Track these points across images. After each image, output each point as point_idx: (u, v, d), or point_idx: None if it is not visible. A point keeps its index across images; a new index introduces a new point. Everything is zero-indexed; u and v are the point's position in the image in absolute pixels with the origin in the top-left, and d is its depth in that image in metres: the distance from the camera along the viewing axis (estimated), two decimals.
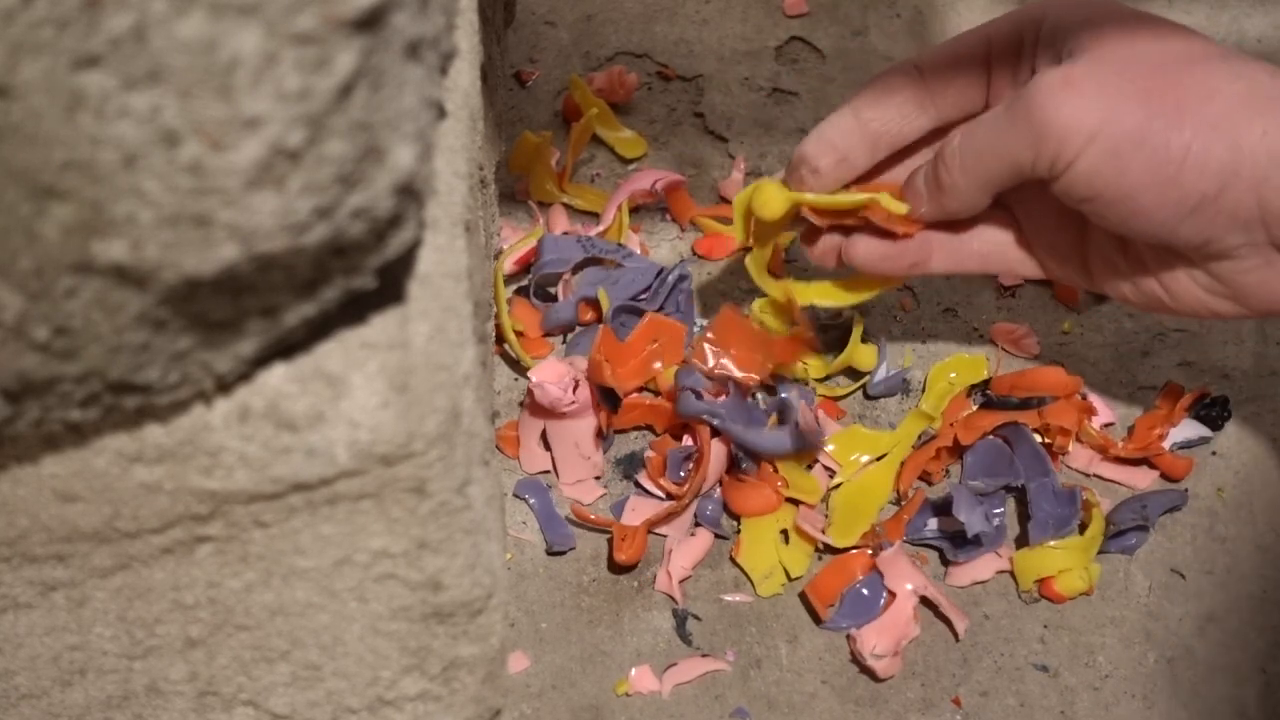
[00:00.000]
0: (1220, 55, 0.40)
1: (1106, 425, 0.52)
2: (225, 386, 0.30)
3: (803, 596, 0.49)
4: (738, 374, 0.49)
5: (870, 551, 0.49)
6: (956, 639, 0.48)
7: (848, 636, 0.48)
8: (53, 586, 0.34)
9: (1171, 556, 0.50)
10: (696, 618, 0.48)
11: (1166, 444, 0.52)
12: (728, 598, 0.49)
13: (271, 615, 0.35)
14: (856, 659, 0.47)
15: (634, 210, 0.58)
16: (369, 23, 0.24)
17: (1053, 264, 0.46)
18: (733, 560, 0.49)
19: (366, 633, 0.35)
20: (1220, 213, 0.39)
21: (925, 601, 0.48)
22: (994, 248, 0.46)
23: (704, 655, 0.48)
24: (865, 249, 0.45)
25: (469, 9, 0.40)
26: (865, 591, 0.48)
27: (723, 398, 0.49)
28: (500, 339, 0.54)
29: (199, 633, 0.35)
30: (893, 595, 0.48)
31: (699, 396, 0.49)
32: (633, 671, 0.47)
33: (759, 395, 0.52)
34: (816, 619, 0.48)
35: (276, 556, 0.33)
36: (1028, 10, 0.43)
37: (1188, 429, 0.52)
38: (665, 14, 0.65)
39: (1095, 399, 0.52)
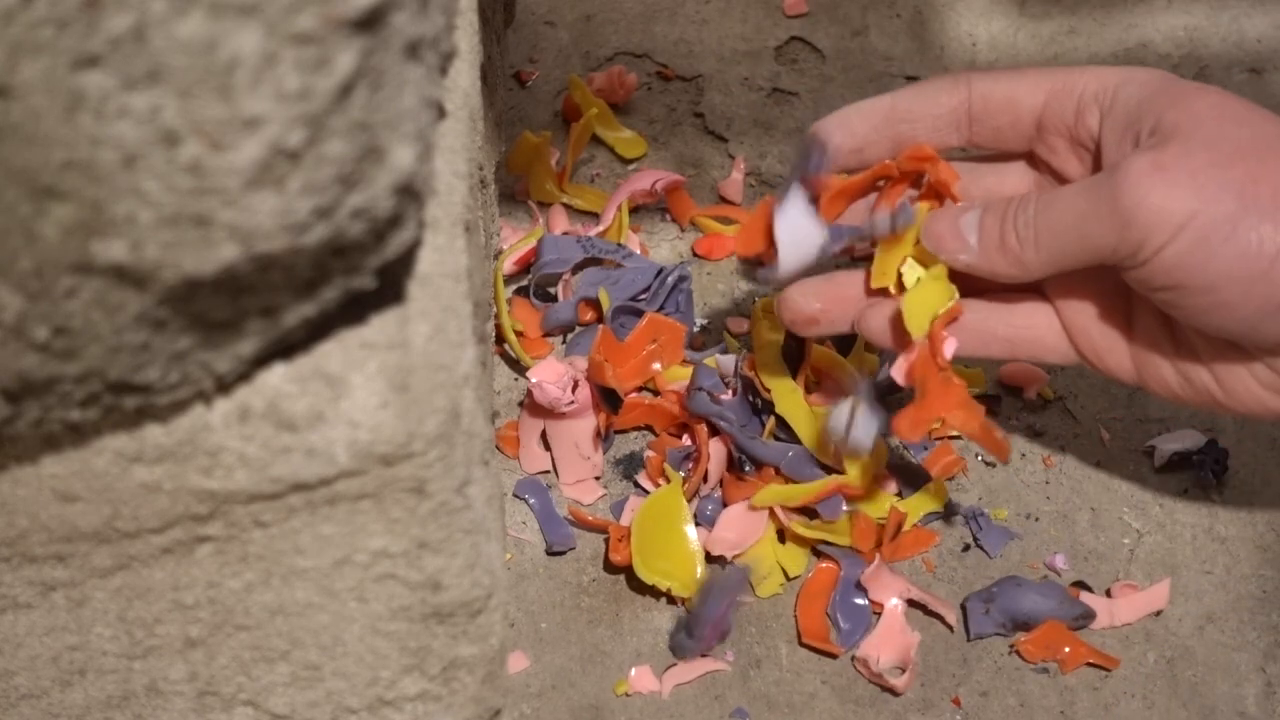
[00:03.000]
0: None
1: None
2: (225, 386, 0.30)
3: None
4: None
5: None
6: (950, 629, 0.48)
7: (853, 659, 0.48)
8: (53, 586, 0.34)
9: (1171, 556, 0.50)
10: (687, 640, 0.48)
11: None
12: None
13: (271, 615, 0.35)
14: (872, 680, 0.47)
15: (634, 210, 0.58)
16: (369, 23, 0.24)
17: (1092, 354, 0.43)
18: (732, 561, 0.49)
19: (366, 633, 0.35)
20: None
21: (912, 603, 0.48)
22: (1027, 332, 0.44)
23: (704, 655, 0.48)
24: (878, 322, 0.43)
25: (469, 9, 0.40)
26: (856, 601, 0.48)
27: (728, 395, 0.50)
28: (500, 339, 0.54)
29: (199, 633, 0.35)
30: (880, 607, 0.48)
31: (713, 399, 0.49)
32: (633, 671, 0.47)
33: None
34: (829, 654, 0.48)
35: (276, 556, 0.33)
36: (1096, 77, 0.42)
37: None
38: (665, 14, 0.65)
39: None
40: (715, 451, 0.49)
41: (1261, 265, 0.37)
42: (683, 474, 0.50)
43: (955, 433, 0.52)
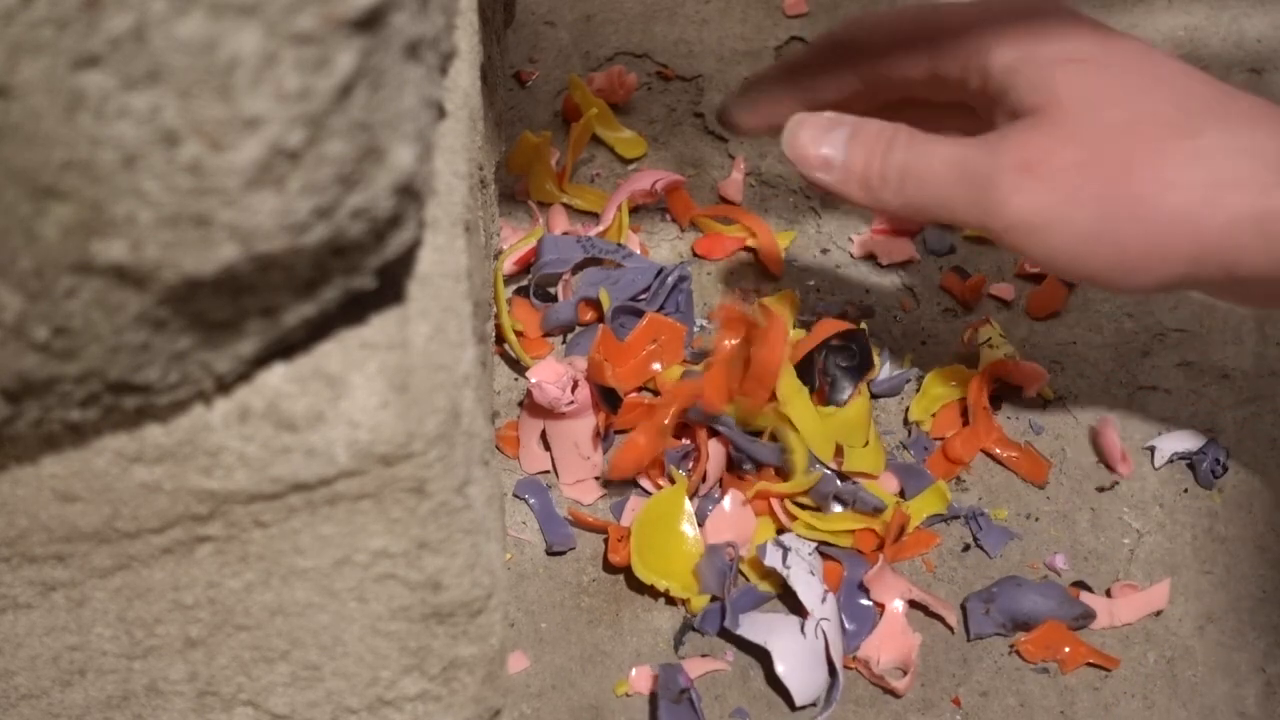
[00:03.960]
0: (1184, 125, 0.38)
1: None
2: (225, 386, 0.30)
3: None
4: None
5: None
6: (951, 630, 0.48)
7: (853, 659, 0.48)
8: (52, 586, 0.34)
9: (1171, 556, 0.50)
10: (700, 631, 0.48)
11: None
12: None
13: (271, 615, 0.35)
14: (873, 681, 0.47)
15: (634, 210, 0.58)
16: (369, 23, 0.24)
17: None
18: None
19: (366, 633, 0.35)
20: (1184, 284, 0.40)
21: (913, 604, 0.48)
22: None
23: (704, 655, 0.48)
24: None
25: (469, 9, 0.40)
26: (860, 602, 0.48)
27: None
28: (500, 339, 0.54)
29: (199, 633, 0.35)
30: (881, 608, 0.48)
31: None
32: (633, 671, 0.47)
33: None
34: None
35: (276, 556, 0.33)
36: (973, 43, 0.42)
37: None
38: (665, 14, 0.65)
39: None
40: (714, 451, 0.49)
41: (1128, 265, 0.39)
42: (683, 473, 0.50)
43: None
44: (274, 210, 0.25)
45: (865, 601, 0.48)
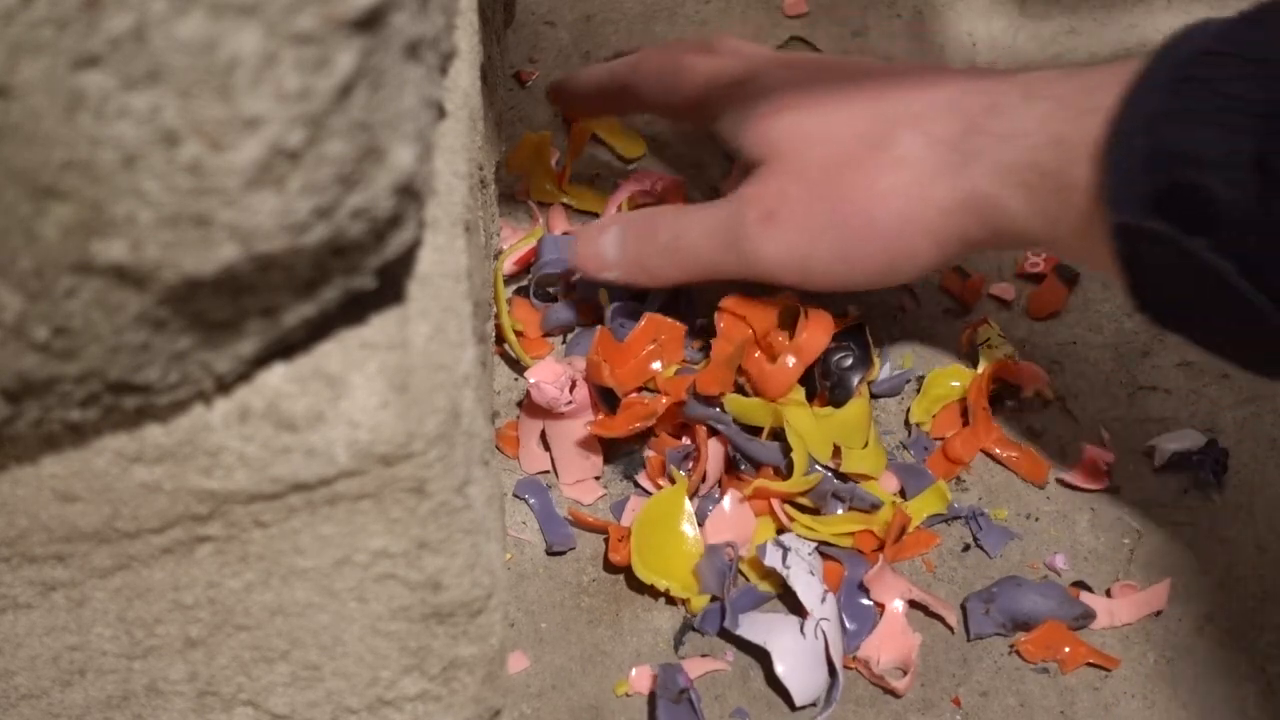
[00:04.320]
0: (882, 137, 0.44)
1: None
2: (225, 386, 0.30)
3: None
4: None
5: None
6: (951, 630, 0.48)
7: (853, 659, 0.48)
8: (52, 586, 0.34)
9: (1171, 556, 0.50)
10: (700, 631, 0.48)
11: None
12: None
13: (271, 615, 0.35)
14: (873, 681, 0.47)
15: (634, 210, 0.58)
16: (369, 23, 0.24)
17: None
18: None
19: (366, 633, 0.35)
20: (945, 260, 0.45)
21: (913, 604, 0.48)
22: None
23: (704, 655, 0.48)
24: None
25: (469, 9, 0.40)
26: (861, 601, 0.48)
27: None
28: (500, 339, 0.54)
29: (199, 633, 0.35)
30: (881, 608, 0.48)
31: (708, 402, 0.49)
32: (633, 671, 0.47)
33: None
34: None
35: (276, 556, 0.33)
36: (707, 104, 0.50)
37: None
38: (665, 14, 0.65)
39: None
40: (714, 451, 0.49)
41: (883, 270, 0.45)
42: (683, 473, 0.50)
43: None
44: (274, 210, 0.25)
45: (865, 601, 0.48)
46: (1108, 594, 0.49)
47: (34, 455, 0.31)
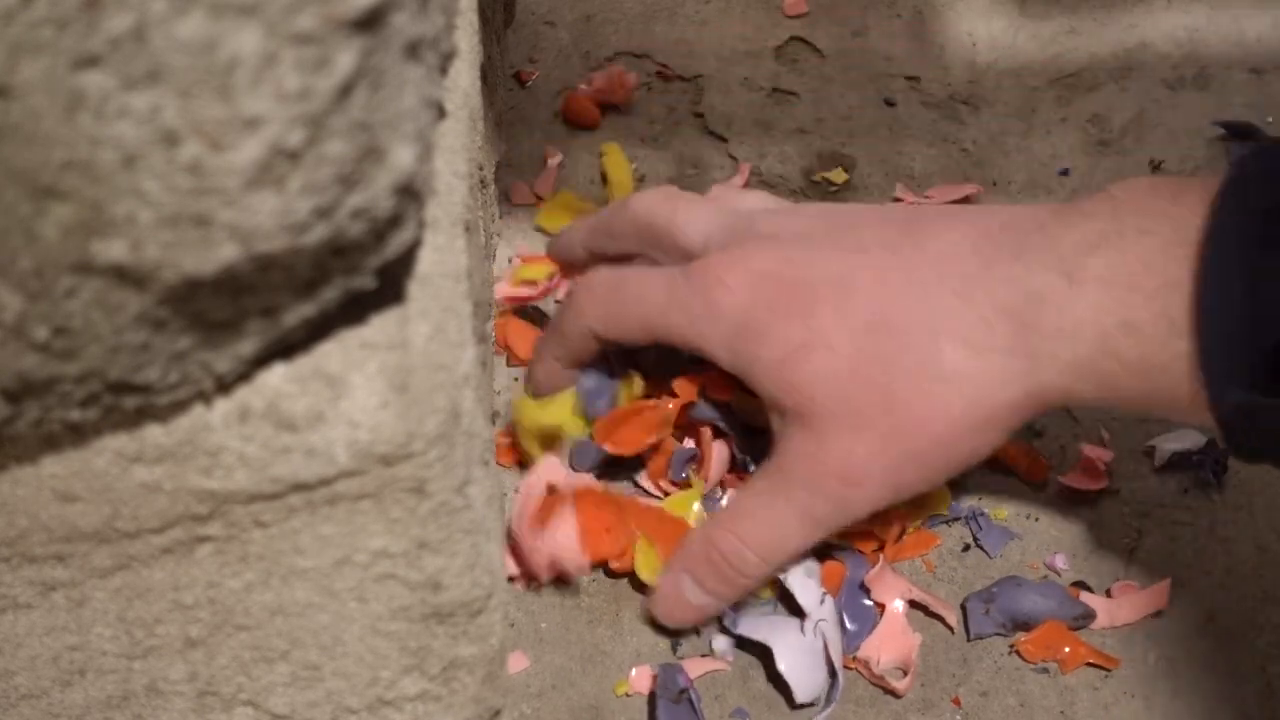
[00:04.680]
0: (925, 367, 0.41)
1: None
2: (225, 386, 0.30)
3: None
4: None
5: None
6: (951, 630, 0.48)
7: (853, 658, 0.47)
8: (52, 586, 0.34)
9: (1171, 556, 0.50)
10: (696, 632, 0.48)
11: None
12: None
13: (271, 615, 0.35)
14: (873, 681, 0.47)
15: None
16: (369, 23, 0.24)
17: None
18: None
19: (366, 633, 0.35)
20: (1016, 429, 0.43)
21: (913, 604, 0.48)
22: None
23: (703, 655, 0.48)
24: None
25: (469, 9, 0.40)
26: (863, 602, 0.48)
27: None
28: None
29: (199, 633, 0.35)
30: (881, 608, 0.48)
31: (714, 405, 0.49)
32: (633, 671, 0.47)
33: None
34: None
35: (276, 556, 0.33)
36: (700, 346, 0.45)
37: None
38: (665, 14, 0.65)
39: None
40: (718, 453, 0.49)
41: (961, 466, 0.43)
42: (684, 475, 0.50)
43: None
44: (274, 210, 0.25)
45: (866, 601, 0.48)
46: (1107, 594, 0.49)
47: (34, 455, 0.31)
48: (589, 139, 0.61)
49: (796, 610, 0.47)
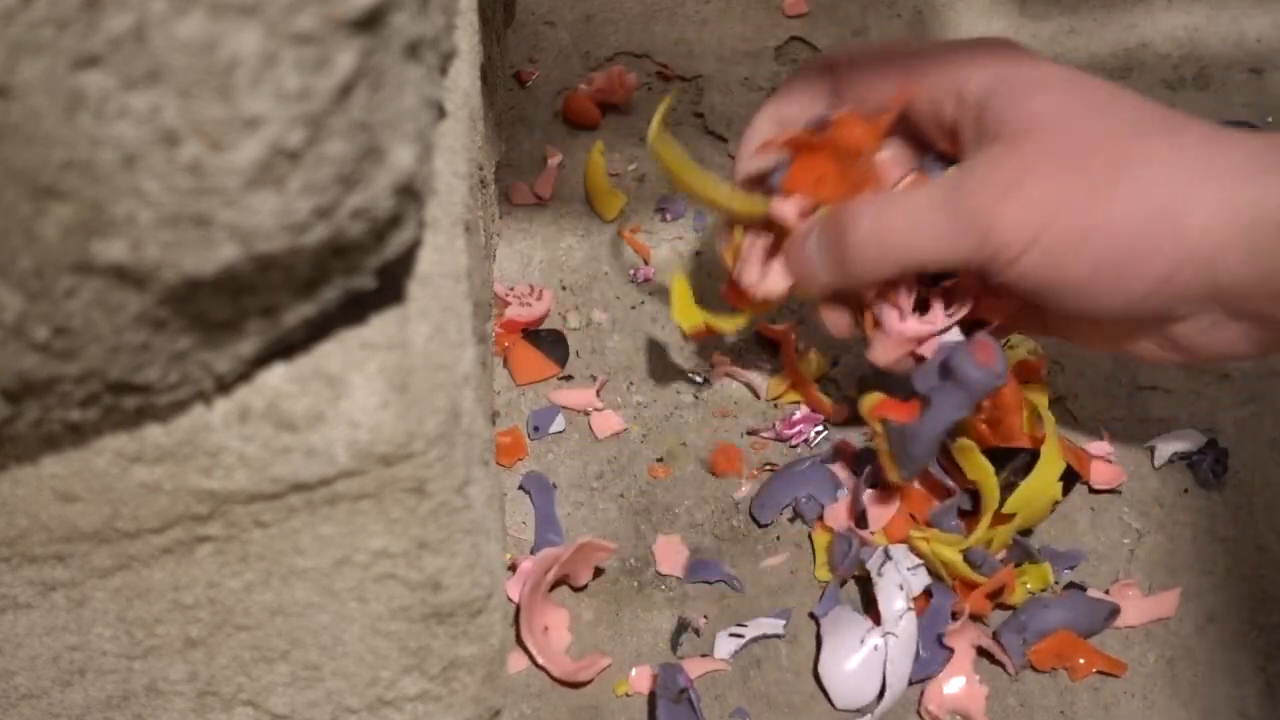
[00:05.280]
0: (1164, 124, 0.39)
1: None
2: (225, 386, 0.30)
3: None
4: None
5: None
6: (1010, 675, 0.47)
7: (920, 699, 0.47)
8: (53, 586, 0.34)
9: (1171, 556, 0.50)
10: (696, 632, 0.48)
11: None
12: (728, 598, 0.49)
13: (271, 615, 0.35)
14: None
15: (635, 215, 0.57)
16: (369, 23, 0.24)
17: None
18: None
19: (366, 633, 0.35)
20: (1171, 294, 0.39)
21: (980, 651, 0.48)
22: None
23: (704, 655, 0.48)
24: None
25: (469, 9, 0.40)
26: (939, 634, 0.47)
27: None
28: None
29: (199, 633, 0.35)
30: (951, 652, 0.47)
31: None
32: (633, 671, 0.47)
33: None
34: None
35: (276, 556, 0.33)
36: (947, 68, 0.42)
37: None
38: (665, 14, 0.65)
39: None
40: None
41: (1116, 268, 0.38)
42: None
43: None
44: (274, 210, 0.25)
45: (942, 633, 0.47)
46: (1106, 594, 0.49)
47: (34, 455, 0.31)
48: (589, 139, 0.61)
49: (875, 614, 0.47)
